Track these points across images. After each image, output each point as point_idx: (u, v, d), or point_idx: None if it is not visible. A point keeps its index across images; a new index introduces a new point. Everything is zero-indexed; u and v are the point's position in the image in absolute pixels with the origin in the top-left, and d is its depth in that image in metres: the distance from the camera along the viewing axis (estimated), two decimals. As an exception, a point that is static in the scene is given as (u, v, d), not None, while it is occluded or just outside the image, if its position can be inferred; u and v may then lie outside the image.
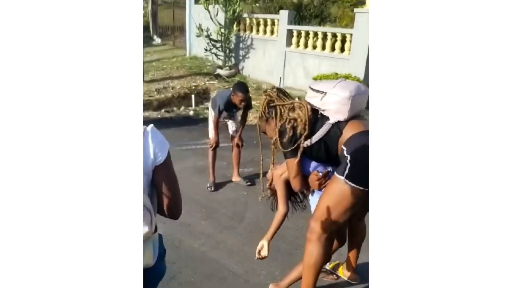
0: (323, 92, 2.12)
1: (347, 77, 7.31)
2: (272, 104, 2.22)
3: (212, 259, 2.94)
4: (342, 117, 2.08)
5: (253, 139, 4.32)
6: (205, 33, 9.73)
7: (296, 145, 2.11)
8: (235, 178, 4.33)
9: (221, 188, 4.20)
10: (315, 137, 2.13)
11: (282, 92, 2.28)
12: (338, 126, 2.09)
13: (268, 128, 2.29)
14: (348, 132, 2.03)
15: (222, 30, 9.63)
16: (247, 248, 3.09)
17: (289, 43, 8.75)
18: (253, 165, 4.80)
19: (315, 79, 7.57)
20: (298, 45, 8.64)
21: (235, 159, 4.31)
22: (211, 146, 4.13)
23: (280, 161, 2.48)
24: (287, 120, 2.12)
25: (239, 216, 3.60)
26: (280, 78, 8.88)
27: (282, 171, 2.37)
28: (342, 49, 7.99)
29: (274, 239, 3.14)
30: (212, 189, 4.11)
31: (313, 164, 2.28)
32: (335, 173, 2.05)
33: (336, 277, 2.73)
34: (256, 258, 2.42)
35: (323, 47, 8.25)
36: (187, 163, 4.92)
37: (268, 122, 2.27)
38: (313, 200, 2.40)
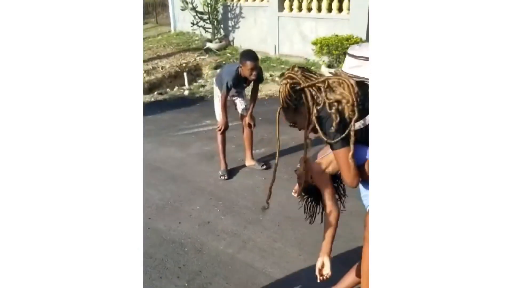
0: None
1: (348, 38, 6.83)
2: (298, 87, 1.72)
3: (243, 262, 2.56)
4: None
5: (258, 114, 3.88)
6: (190, 6, 9.11)
7: (346, 132, 1.66)
8: (249, 162, 3.92)
9: (235, 176, 3.78)
10: (370, 117, 1.69)
11: (306, 70, 1.78)
12: None
13: (299, 118, 1.80)
14: None
15: (208, 0, 9.00)
16: (279, 244, 2.71)
17: (281, 8, 8.18)
18: (265, 145, 4.38)
19: (314, 43, 7.08)
20: (291, 9, 8.08)
21: (247, 141, 3.88)
22: (220, 129, 3.69)
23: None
24: (328, 104, 1.66)
25: (261, 207, 3.20)
26: (275, 45, 8.36)
27: (325, 164, 1.92)
28: (340, 9, 7.46)
29: (309, 232, 2.78)
30: (226, 177, 3.70)
31: (366, 149, 1.85)
32: None
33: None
34: (318, 280, 1.90)
35: (319, 9, 7.71)
36: (192, 149, 4.49)
37: (297, 111, 1.78)
38: (366, 192, 1.98)
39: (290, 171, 3.81)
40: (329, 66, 7.03)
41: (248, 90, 3.86)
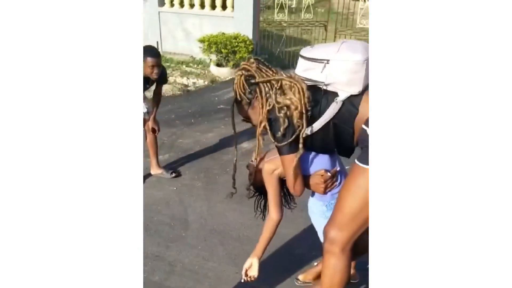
0: (324, 60, 1.55)
1: (236, 37, 6.72)
2: (253, 81, 1.58)
3: (175, 291, 2.20)
4: (356, 89, 1.54)
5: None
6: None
7: (294, 137, 1.53)
8: (155, 170, 3.49)
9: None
10: (320, 122, 1.57)
11: (262, 63, 1.64)
12: (352, 102, 1.55)
13: (252, 113, 1.66)
14: (367, 107, 1.49)
15: (77, -10, 8.05)
16: (212, 263, 2.41)
17: (161, 3, 7.68)
18: (167, 150, 3.98)
19: (201, 41, 6.81)
20: (172, 4, 7.65)
21: (151, 147, 3.44)
22: (120, 136, 3.20)
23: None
24: (277, 108, 1.52)
25: (181, 221, 2.85)
26: (157, 42, 7.82)
27: (275, 165, 1.74)
28: (224, 7, 7.31)
29: (241, 245, 2.51)
30: (131, 189, 3.22)
31: (314, 158, 1.72)
32: (358, 162, 1.53)
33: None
34: (243, 280, 1.88)
35: (202, 5, 7.45)
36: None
37: (252, 106, 1.64)
38: (315, 204, 1.85)
39: (202, 178, 3.51)
40: (217, 65, 6.83)
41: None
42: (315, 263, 2.35)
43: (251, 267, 1.88)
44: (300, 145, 1.53)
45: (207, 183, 3.38)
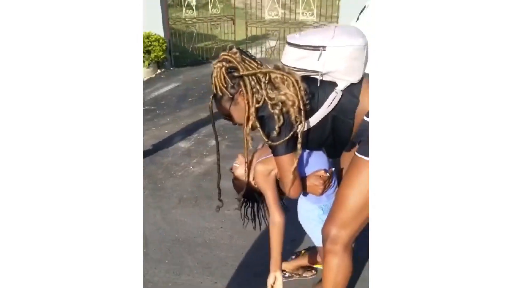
0: (319, 47, 1.34)
1: (148, 36, 6.25)
2: (236, 74, 1.32)
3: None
4: (356, 77, 1.37)
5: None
6: None
7: (290, 135, 1.32)
8: (94, 184, 3.04)
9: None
10: (317, 116, 1.38)
11: (245, 54, 1.38)
12: (352, 92, 1.38)
13: (235, 110, 1.40)
14: (368, 97, 1.34)
15: None
16: (186, 277, 2.12)
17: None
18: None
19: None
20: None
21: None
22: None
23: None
24: (270, 105, 1.30)
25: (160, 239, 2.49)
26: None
27: (272, 165, 1.51)
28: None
29: (211, 252, 2.25)
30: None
31: (310, 157, 1.54)
32: (359, 154, 1.39)
33: (315, 272, 2.11)
34: None
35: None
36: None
37: (234, 102, 1.37)
38: (309, 209, 1.68)
39: (148, 185, 3.13)
40: (132, 66, 6.29)
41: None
42: (293, 258, 2.18)
43: (276, 282, 1.56)
44: (299, 145, 1.32)
45: (154, 190, 3.03)
